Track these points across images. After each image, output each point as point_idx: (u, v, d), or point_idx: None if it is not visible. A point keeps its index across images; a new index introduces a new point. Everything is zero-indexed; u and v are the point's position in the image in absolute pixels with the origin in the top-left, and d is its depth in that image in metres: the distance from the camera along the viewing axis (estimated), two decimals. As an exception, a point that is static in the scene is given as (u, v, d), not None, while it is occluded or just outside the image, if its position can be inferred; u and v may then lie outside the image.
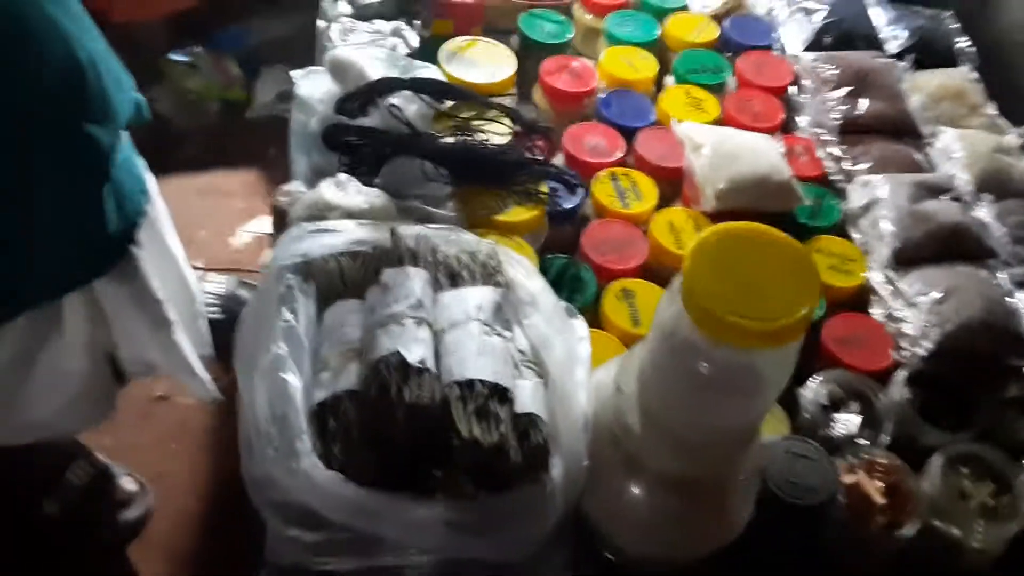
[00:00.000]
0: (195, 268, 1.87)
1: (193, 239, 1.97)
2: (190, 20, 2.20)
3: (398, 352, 0.62)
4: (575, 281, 0.86)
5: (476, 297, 0.68)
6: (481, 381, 0.62)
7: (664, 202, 0.95)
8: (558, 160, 0.97)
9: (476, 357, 0.63)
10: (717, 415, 0.62)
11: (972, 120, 1.04)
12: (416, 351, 0.63)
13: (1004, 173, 0.97)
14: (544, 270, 0.85)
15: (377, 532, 0.63)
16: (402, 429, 0.61)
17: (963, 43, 1.11)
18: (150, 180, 1.11)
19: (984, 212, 0.92)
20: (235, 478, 1.79)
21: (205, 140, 2.18)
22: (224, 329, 1.86)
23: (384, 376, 0.61)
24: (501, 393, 0.62)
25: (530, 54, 1.05)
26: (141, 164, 1.08)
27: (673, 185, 0.97)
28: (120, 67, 0.99)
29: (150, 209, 1.08)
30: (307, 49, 2.35)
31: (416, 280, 0.68)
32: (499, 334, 0.66)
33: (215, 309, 1.80)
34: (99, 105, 0.92)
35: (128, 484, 1.56)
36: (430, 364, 0.63)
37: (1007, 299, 0.84)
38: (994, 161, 0.98)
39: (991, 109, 1.05)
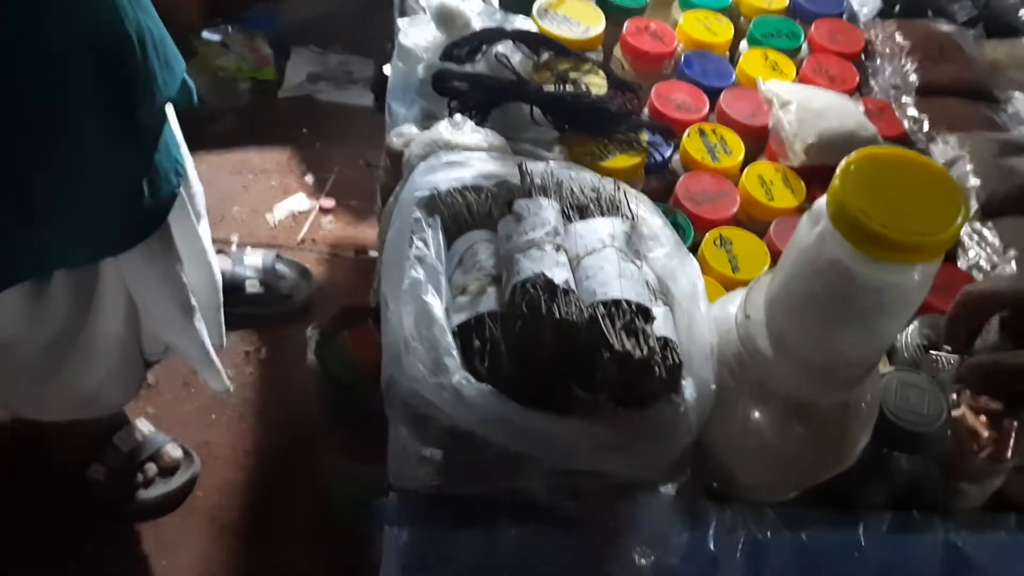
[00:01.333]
0: (230, 243, 1.89)
1: (227, 215, 1.99)
2: (223, 1, 2.22)
3: (543, 273, 0.64)
4: (674, 227, 0.87)
5: (608, 226, 0.70)
6: (627, 301, 0.64)
7: (748, 158, 0.97)
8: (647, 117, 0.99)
9: (618, 279, 0.65)
10: (849, 338, 0.64)
11: (1037, 87, 1.08)
12: (560, 273, 0.65)
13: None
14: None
15: (520, 447, 0.64)
16: (550, 347, 0.63)
17: (1025, 15, 1.15)
18: (188, 161, 1.13)
19: (1060, 171, 0.95)
20: (275, 448, 1.82)
21: (236, 119, 2.20)
22: (263, 303, 1.88)
23: (532, 295, 0.63)
24: (645, 312, 0.64)
25: (610, 16, 1.07)
26: (180, 145, 1.10)
27: (756, 142, 0.99)
28: (173, 50, 1.01)
29: (184, 190, 1.09)
30: (338, 31, 2.37)
31: (549, 209, 0.70)
32: (632, 261, 0.68)
33: (254, 283, 1.81)
34: (142, 82, 0.94)
35: (173, 451, 1.58)
36: (573, 287, 0.65)
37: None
38: (1064, 126, 1.01)
39: (1055, 77, 1.09)
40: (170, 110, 1.08)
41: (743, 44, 1.11)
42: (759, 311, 0.68)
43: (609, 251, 0.67)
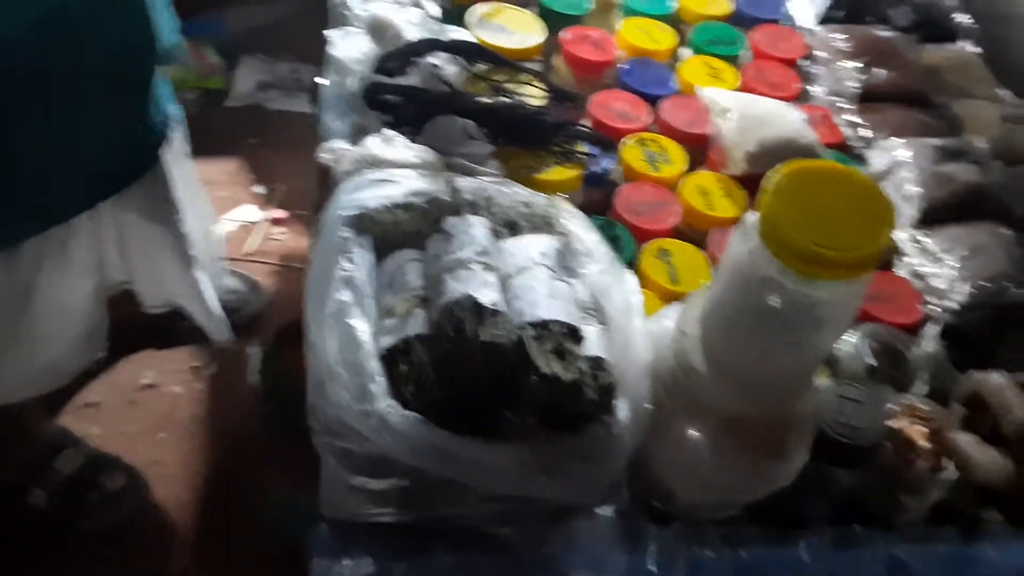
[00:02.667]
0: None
1: (175, 228, 1.94)
2: (168, 7, 2.17)
3: (470, 295, 0.62)
4: (613, 241, 0.86)
5: (539, 244, 0.68)
6: (555, 321, 0.62)
7: (689, 167, 0.96)
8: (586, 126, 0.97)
9: (548, 299, 0.64)
10: (783, 353, 0.63)
11: (976, 91, 1.08)
12: (488, 294, 0.63)
13: (1012, 141, 1.00)
14: (583, 229, 0.86)
15: (449, 475, 0.62)
16: (477, 370, 0.61)
17: (964, 19, 1.15)
18: (175, 115, 1.13)
19: (998, 176, 0.95)
20: (225, 467, 1.78)
21: (184, 129, 2.15)
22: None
23: (459, 318, 0.61)
24: (574, 333, 0.63)
25: (549, 24, 1.06)
26: (171, 96, 1.10)
27: (698, 151, 0.98)
28: (171, 8, 1.02)
29: (177, 143, 1.09)
30: (288, 39, 2.33)
31: (479, 227, 0.68)
32: (563, 280, 0.67)
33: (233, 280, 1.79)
34: (144, 39, 0.93)
35: (119, 473, 1.54)
36: (502, 307, 0.63)
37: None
38: (1002, 130, 1.01)
39: (993, 81, 1.09)
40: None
41: (685, 51, 1.10)
42: (694, 327, 0.67)
43: (539, 270, 0.66)
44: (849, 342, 0.82)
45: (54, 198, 0.98)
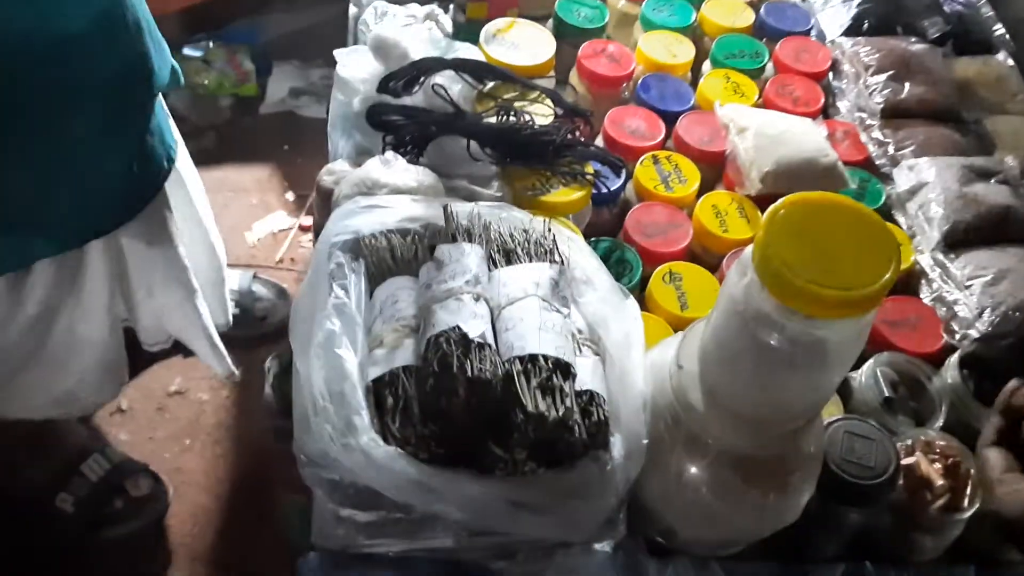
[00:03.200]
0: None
1: (206, 235, 1.96)
2: (203, 14, 2.19)
3: (458, 327, 0.61)
4: (621, 264, 0.84)
5: (533, 273, 0.66)
6: (544, 356, 0.60)
7: (706, 186, 0.94)
8: (598, 144, 0.95)
9: (537, 332, 0.62)
10: (783, 391, 0.61)
11: (1011, 106, 1.03)
12: (476, 326, 0.61)
13: (1047, 159, 0.96)
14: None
15: (434, 510, 0.61)
16: (463, 405, 0.60)
17: (999, 30, 1.10)
18: (181, 146, 1.13)
19: (1031, 197, 0.91)
20: (249, 475, 1.77)
21: (216, 136, 2.17)
22: (238, 325, 1.86)
23: (445, 351, 0.60)
24: (564, 368, 0.61)
25: (565, 39, 1.04)
26: (173, 130, 1.10)
27: (715, 169, 0.96)
28: (159, 33, 1.01)
29: (176, 172, 1.09)
30: (321, 45, 2.34)
31: (472, 256, 0.66)
32: (557, 310, 0.65)
33: (229, 305, 1.79)
34: (139, 63, 0.93)
35: (144, 479, 1.55)
36: (490, 340, 0.62)
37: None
38: (1038, 147, 0.97)
39: (1029, 95, 1.05)
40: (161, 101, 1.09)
41: (706, 65, 1.07)
42: (692, 361, 0.65)
43: (531, 301, 0.64)
44: (865, 372, 0.79)
45: (60, 224, 0.98)
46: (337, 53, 0.89)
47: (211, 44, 2.19)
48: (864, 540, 0.74)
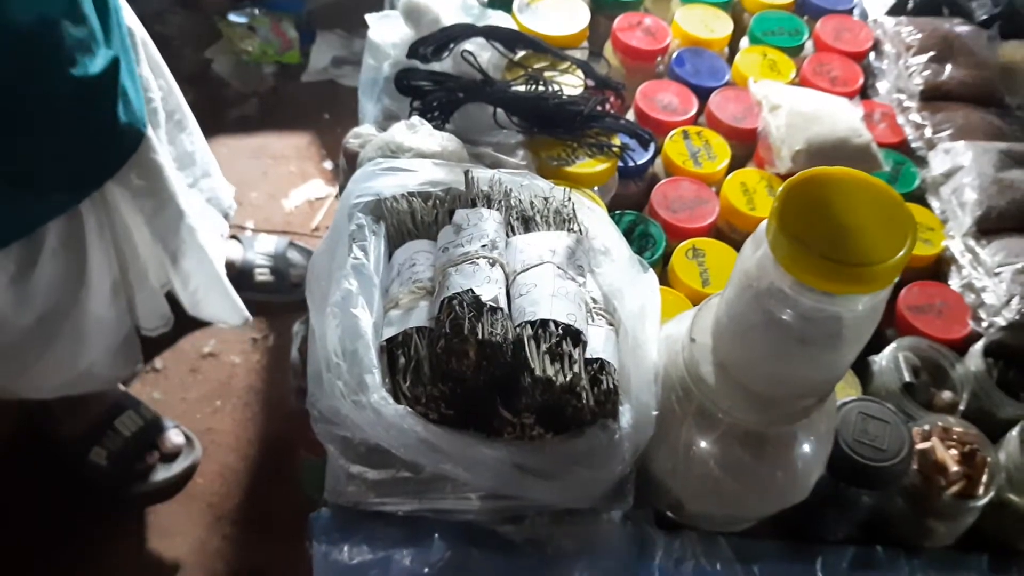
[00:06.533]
0: (245, 229, 1.91)
1: (244, 200, 1.99)
2: (250, -19, 2.21)
3: (471, 290, 0.61)
4: (644, 238, 0.84)
5: (550, 241, 0.66)
6: (555, 322, 0.61)
7: (736, 163, 0.93)
8: (629, 117, 0.95)
9: (550, 299, 0.62)
10: (795, 368, 0.60)
11: (1058, 92, 1.01)
12: (489, 290, 0.62)
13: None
14: (614, 224, 0.84)
15: (442, 471, 0.62)
16: (473, 367, 0.60)
17: (1052, 13, 1.07)
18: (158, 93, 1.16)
19: (1071, 185, 0.89)
20: (277, 438, 1.80)
21: (259, 102, 2.19)
22: (272, 290, 1.89)
23: (457, 313, 0.60)
24: (575, 335, 0.61)
25: (602, 11, 1.03)
26: (138, 91, 1.10)
27: (746, 147, 0.95)
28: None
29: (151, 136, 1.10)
30: (364, 14, 2.35)
31: (490, 221, 0.67)
32: (572, 279, 0.65)
33: (264, 270, 1.82)
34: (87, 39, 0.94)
35: (176, 437, 1.58)
36: (503, 304, 0.62)
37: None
38: (1081, 135, 0.94)
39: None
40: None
41: (744, 41, 1.06)
42: (706, 335, 0.64)
43: (546, 267, 0.64)
44: (886, 355, 0.78)
45: (54, 181, 1.01)
46: (369, 17, 0.89)
47: (256, 11, 2.20)
48: (876, 523, 0.73)
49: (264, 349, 1.75)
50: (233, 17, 2.19)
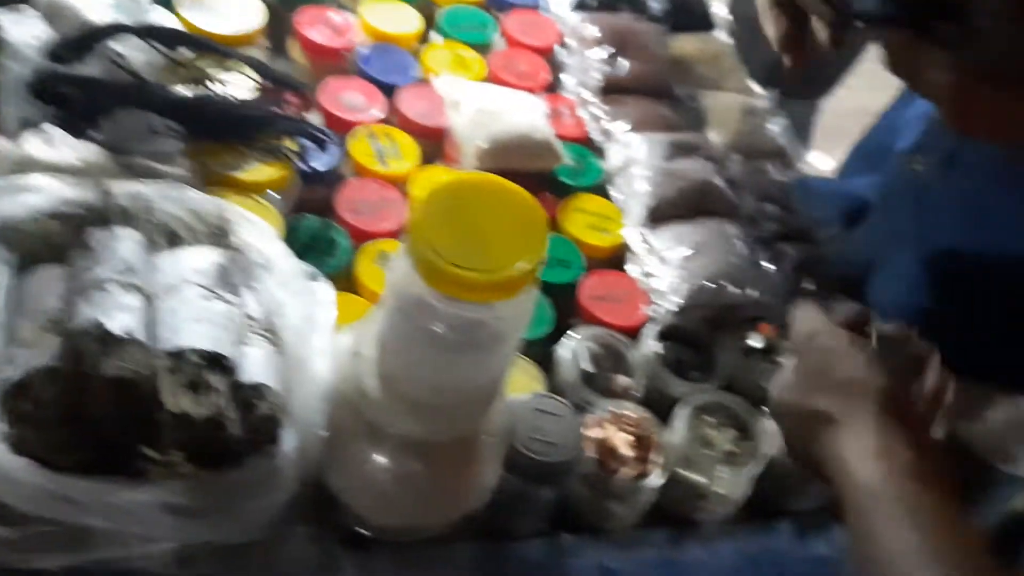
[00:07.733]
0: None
1: None
2: None
3: (98, 320, 0.56)
4: (328, 243, 0.81)
5: (194, 259, 0.62)
6: (194, 349, 0.56)
7: (428, 161, 0.92)
8: (315, 118, 0.91)
9: (192, 324, 0.58)
10: (455, 374, 0.60)
11: (726, 83, 1.08)
12: (120, 319, 0.56)
13: (753, 134, 1.01)
14: (294, 231, 0.80)
15: (80, 522, 0.56)
16: (105, 406, 0.55)
17: (718, 9, 1.15)
18: None
19: (734, 171, 0.95)
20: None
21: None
22: None
23: (80, 348, 0.54)
24: (218, 361, 0.57)
25: (286, 5, 0.98)
26: None
27: (437, 145, 0.94)
28: None
29: None
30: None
31: (125, 241, 0.61)
32: (222, 298, 0.61)
33: None
34: None
35: None
36: (138, 333, 0.57)
37: (747, 254, 0.86)
38: (745, 123, 1.02)
39: (743, 73, 1.09)
40: None
41: (435, 36, 1.05)
42: (371, 348, 0.63)
43: (189, 289, 0.60)
44: (568, 346, 0.80)
45: None
46: (1, 16, 0.80)
47: None
48: (563, 513, 0.75)
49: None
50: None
